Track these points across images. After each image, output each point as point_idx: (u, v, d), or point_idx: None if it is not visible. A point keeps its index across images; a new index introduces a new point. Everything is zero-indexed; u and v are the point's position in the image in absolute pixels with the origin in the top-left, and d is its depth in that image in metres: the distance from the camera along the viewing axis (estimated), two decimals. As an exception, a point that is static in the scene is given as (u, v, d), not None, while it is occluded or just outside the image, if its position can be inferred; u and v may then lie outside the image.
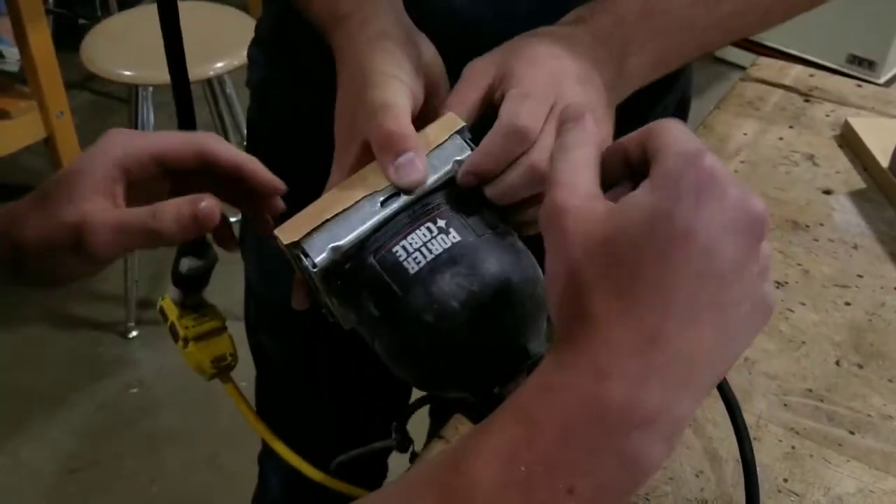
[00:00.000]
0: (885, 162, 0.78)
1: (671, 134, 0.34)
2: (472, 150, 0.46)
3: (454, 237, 0.42)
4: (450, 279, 0.41)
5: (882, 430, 0.57)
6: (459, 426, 0.58)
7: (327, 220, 0.43)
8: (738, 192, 0.32)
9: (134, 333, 1.90)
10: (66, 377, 1.81)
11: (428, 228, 0.42)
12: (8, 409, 1.73)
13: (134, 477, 1.62)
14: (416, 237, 0.42)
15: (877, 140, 0.81)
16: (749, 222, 0.32)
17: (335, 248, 0.43)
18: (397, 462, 0.92)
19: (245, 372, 0.93)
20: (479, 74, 0.49)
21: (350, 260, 0.43)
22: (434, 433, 0.58)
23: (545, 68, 0.48)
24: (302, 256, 0.43)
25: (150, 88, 1.74)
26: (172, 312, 0.56)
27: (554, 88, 0.47)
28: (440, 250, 0.42)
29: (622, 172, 0.37)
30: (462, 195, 0.45)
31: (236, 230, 0.92)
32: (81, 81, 2.64)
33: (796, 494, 0.53)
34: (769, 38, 2.77)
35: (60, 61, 1.97)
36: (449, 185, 0.45)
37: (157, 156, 0.48)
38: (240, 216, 0.89)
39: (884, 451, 0.55)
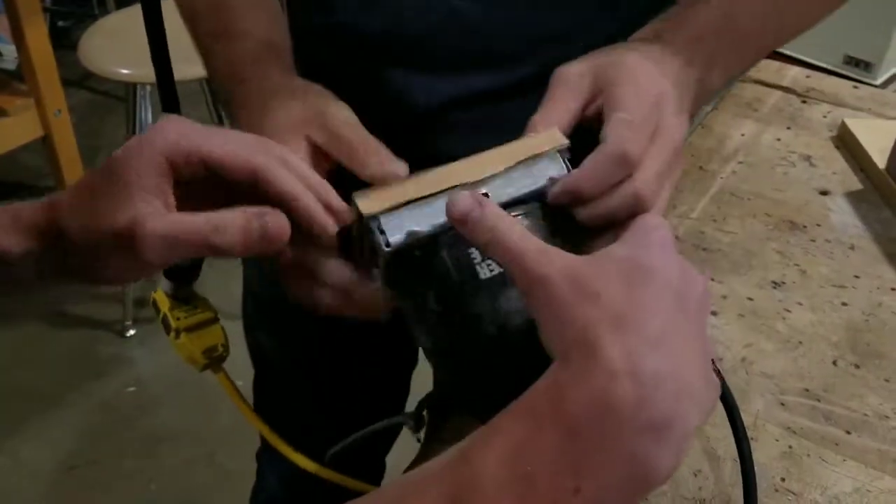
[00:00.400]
0: (881, 163, 0.78)
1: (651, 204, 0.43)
2: (568, 169, 0.45)
3: None
4: (518, 296, 0.40)
5: (879, 429, 0.57)
6: (463, 427, 0.58)
7: (410, 202, 0.42)
8: (679, 267, 0.37)
9: (131, 332, 1.90)
10: (64, 376, 1.81)
11: None
12: (6, 409, 1.73)
13: (132, 475, 1.62)
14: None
15: (873, 141, 0.81)
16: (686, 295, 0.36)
17: (412, 233, 0.42)
18: (395, 461, 0.92)
19: (243, 372, 0.94)
20: (574, 85, 0.48)
21: (422, 248, 0.42)
22: (432, 433, 0.58)
23: (649, 95, 0.47)
24: (377, 231, 0.42)
25: (148, 87, 1.74)
26: (164, 304, 0.56)
27: (655, 117, 0.47)
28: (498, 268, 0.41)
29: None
30: (547, 212, 0.44)
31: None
32: (79, 79, 2.64)
33: (793, 493, 0.53)
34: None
35: (58, 59, 1.97)
36: (537, 199, 0.44)
37: (209, 162, 0.43)
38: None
39: (880, 450, 0.56)
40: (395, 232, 0.42)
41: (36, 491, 1.60)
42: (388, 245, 0.42)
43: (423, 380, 0.52)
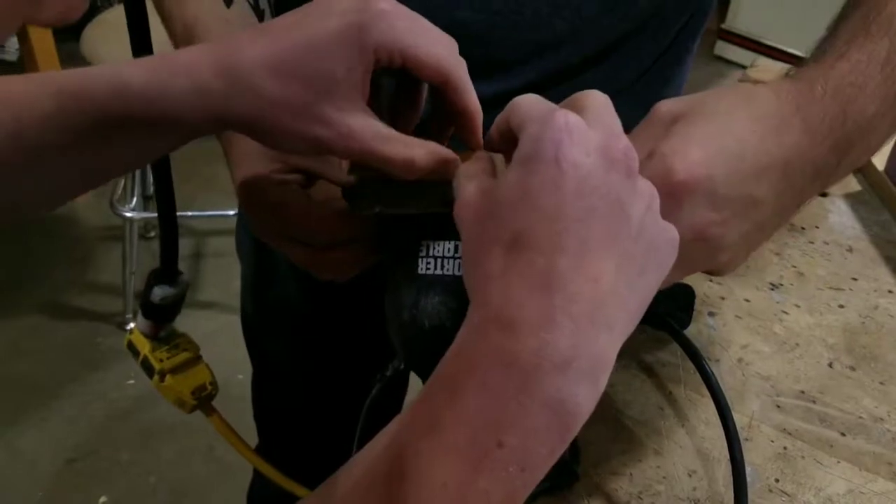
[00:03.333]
0: (880, 165, 0.78)
1: (524, 105, 0.37)
2: None
3: None
4: (438, 303, 0.43)
5: (873, 431, 0.57)
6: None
7: (395, 183, 0.44)
8: (599, 136, 0.34)
9: (132, 325, 1.90)
10: (63, 368, 1.82)
11: (456, 246, 0.44)
12: (5, 400, 1.74)
13: (131, 468, 1.62)
14: (443, 246, 0.44)
15: (873, 143, 0.81)
16: (614, 160, 0.34)
17: (382, 210, 0.45)
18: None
19: (242, 369, 0.94)
20: (662, 119, 0.43)
21: (395, 221, 0.45)
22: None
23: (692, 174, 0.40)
24: (363, 196, 0.45)
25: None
26: (144, 346, 0.54)
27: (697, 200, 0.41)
28: (450, 273, 0.43)
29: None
30: None
31: (233, 224, 0.93)
32: (81, 71, 2.64)
33: (787, 495, 0.53)
34: (769, 37, 2.77)
35: (60, 51, 1.97)
36: None
37: (408, 62, 0.41)
38: (236, 210, 0.90)
39: (874, 452, 0.56)
40: (369, 206, 0.45)
41: (34, 483, 1.61)
42: (353, 209, 0.45)
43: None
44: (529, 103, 0.37)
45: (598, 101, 0.37)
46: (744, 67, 1.03)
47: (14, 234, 2.15)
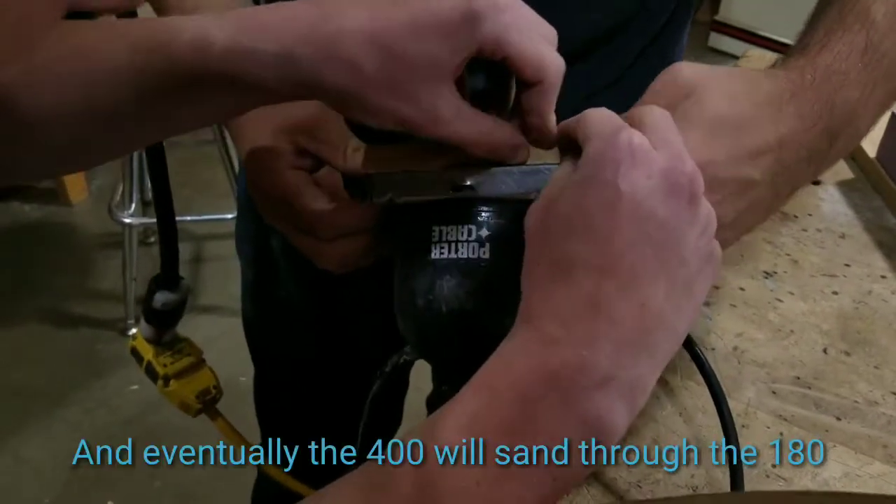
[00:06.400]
0: (872, 152, 0.79)
1: (592, 119, 0.37)
2: None
3: (484, 254, 0.43)
4: (454, 287, 0.43)
5: (868, 415, 0.58)
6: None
7: (407, 171, 0.44)
8: (664, 158, 0.34)
9: (133, 331, 1.91)
10: (66, 375, 1.82)
11: (469, 230, 0.43)
12: (8, 407, 1.74)
13: (136, 473, 1.63)
14: (456, 231, 0.43)
15: (864, 130, 0.82)
16: (677, 185, 0.34)
17: (390, 200, 0.44)
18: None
19: (245, 371, 0.95)
20: (680, 86, 0.45)
21: (407, 209, 0.45)
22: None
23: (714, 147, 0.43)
24: (364, 188, 0.44)
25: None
26: (147, 351, 0.54)
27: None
28: (465, 257, 0.43)
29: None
30: (522, 223, 0.45)
31: (232, 227, 0.94)
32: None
33: (784, 479, 0.54)
34: (763, 28, 2.77)
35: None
36: (518, 205, 0.44)
37: (508, 57, 0.40)
38: (235, 214, 0.90)
39: (870, 436, 0.56)
40: (380, 195, 0.44)
41: (40, 490, 1.61)
42: (363, 200, 0.45)
43: (423, 375, 0.52)
44: (598, 118, 0.37)
45: (661, 118, 0.37)
46: (737, 57, 1.03)
47: (13, 242, 2.16)
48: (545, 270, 0.34)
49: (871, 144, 0.79)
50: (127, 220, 1.85)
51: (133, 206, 1.89)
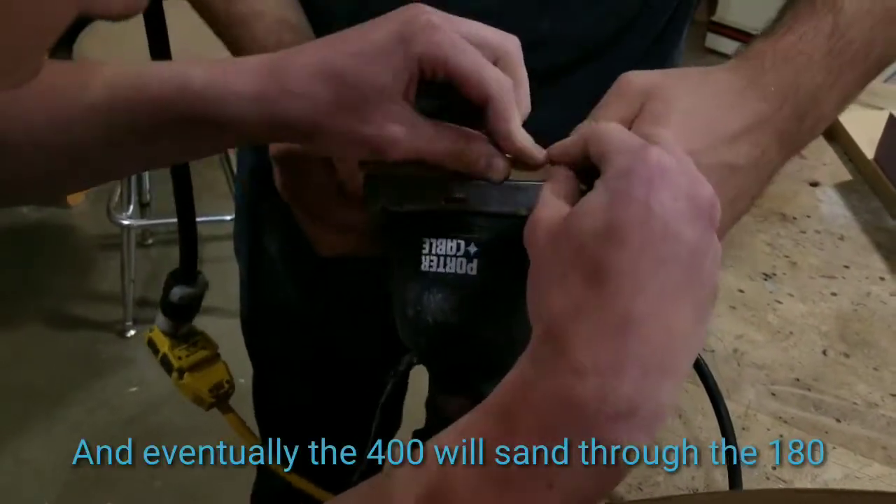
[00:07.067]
0: (870, 153, 0.79)
1: (614, 133, 0.37)
2: None
3: (471, 270, 0.43)
4: (441, 300, 0.43)
5: (867, 417, 0.58)
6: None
7: (404, 177, 0.45)
8: (687, 180, 0.34)
9: (132, 332, 1.91)
10: (66, 377, 1.82)
11: (458, 245, 0.44)
12: (8, 409, 1.74)
13: (136, 473, 1.62)
14: (445, 244, 0.44)
15: (862, 131, 0.82)
16: (700, 208, 0.34)
17: (386, 206, 0.45)
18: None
19: (244, 372, 0.95)
20: (634, 94, 0.45)
21: (400, 217, 0.45)
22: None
23: (693, 143, 0.43)
24: (368, 193, 0.45)
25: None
26: (163, 344, 0.55)
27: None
28: (452, 271, 0.44)
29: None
30: (510, 239, 0.44)
31: (230, 229, 0.94)
32: (74, 80, 2.64)
33: (784, 481, 0.54)
34: (759, 29, 2.77)
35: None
36: (509, 220, 0.44)
37: (452, 76, 0.41)
38: (233, 216, 0.90)
39: (869, 437, 0.57)
40: (377, 203, 0.45)
41: (41, 490, 1.62)
42: (368, 206, 0.46)
43: (423, 377, 0.53)
44: (618, 134, 0.37)
45: (672, 140, 0.37)
46: (734, 60, 1.03)
47: (13, 245, 2.16)
48: (572, 282, 0.33)
49: (868, 146, 0.80)
50: (125, 223, 1.84)
51: (131, 208, 1.89)
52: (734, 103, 0.46)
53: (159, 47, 0.51)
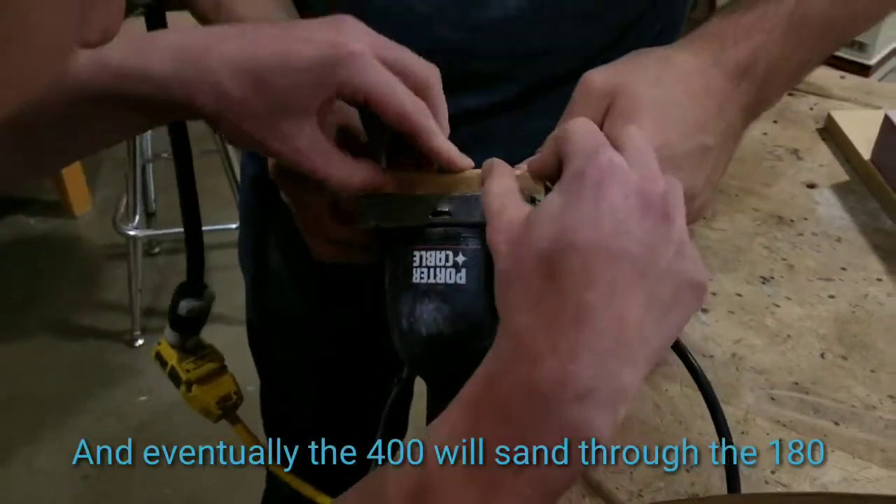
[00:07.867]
0: (867, 154, 0.80)
1: (575, 136, 0.38)
2: None
3: (461, 279, 0.45)
4: (433, 310, 0.45)
5: (866, 419, 0.59)
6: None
7: (389, 195, 0.47)
8: (637, 178, 0.36)
9: (140, 342, 1.92)
10: (75, 386, 1.84)
11: (447, 256, 0.45)
12: (19, 418, 1.76)
13: (146, 480, 1.64)
14: (434, 256, 0.45)
15: (859, 132, 0.82)
16: (650, 204, 0.36)
17: (378, 223, 0.47)
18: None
19: (251, 381, 0.95)
20: (598, 95, 0.47)
21: (391, 233, 0.47)
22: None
23: (661, 136, 0.45)
24: (361, 212, 0.47)
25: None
26: (171, 357, 0.56)
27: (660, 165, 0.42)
28: (442, 282, 0.45)
29: (545, 185, 0.43)
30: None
31: (235, 237, 0.94)
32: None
33: (783, 485, 0.55)
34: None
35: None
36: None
37: (372, 104, 0.43)
38: (237, 224, 0.91)
39: (867, 440, 0.57)
40: (368, 220, 0.47)
41: (52, 500, 1.63)
42: (360, 223, 0.48)
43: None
44: (580, 135, 0.38)
45: (636, 139, 0.39)
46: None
47: (20, 256, 2.17)
48: (530, 283, 0.35)
49: (865, 146, 0.80)
50: (131, 233, 1.86)
51: (137, 218, 1.90)
52: (701, 87, 0.48)
53: None
